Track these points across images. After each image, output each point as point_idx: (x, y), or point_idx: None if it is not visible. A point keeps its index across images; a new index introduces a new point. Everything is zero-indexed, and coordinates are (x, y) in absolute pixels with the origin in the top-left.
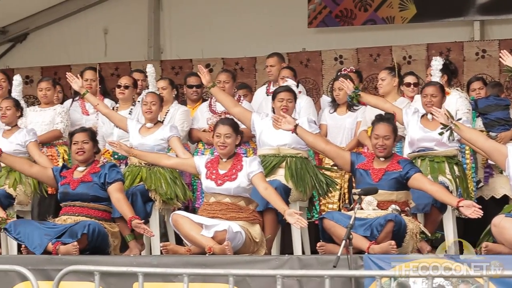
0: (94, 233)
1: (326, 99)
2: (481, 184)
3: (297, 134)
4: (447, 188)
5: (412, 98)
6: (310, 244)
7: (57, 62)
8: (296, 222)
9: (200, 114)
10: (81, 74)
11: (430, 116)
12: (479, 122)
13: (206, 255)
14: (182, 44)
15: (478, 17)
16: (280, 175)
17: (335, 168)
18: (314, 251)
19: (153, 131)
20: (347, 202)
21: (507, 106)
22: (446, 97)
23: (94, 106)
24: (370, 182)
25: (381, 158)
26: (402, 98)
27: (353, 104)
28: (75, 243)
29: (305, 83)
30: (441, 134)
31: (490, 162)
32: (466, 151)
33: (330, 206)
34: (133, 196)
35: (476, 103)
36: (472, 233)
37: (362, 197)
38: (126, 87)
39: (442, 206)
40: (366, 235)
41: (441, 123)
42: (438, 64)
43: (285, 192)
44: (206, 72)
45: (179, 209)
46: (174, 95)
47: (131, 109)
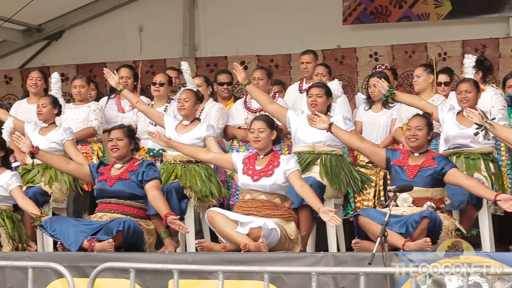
0: (130, 230)
1: (361, 97)
2: None
3: (332, 133)
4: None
5: (447, 96)
6: (345, 241)
7: (92, 59)
8: (330, 220)
9: (235, 111)
10: (116, 72)
11: (465, 113)
12: None
13: (241, 252)
14: (217, 41)
15: None
16: (315, 172)
17: (370, 165)
18: (349, 248)
19: (189, 129)
20: (382, 199)
21: None
22: (481, 93)
23: (133, 103)
24: (405, 179)
25: (415, 153)
26: (438, 95)
27: (388, 103)
28: (111, 240)
29: (340, 80)
30: (476, 134)
31: None
32: (502, 148)
33: (365, 203)
34: (168, 193)
35: None
36: (507, 230)
37: (397, 194)
38: (161, 85)
39: (477, 203)
40: (401, 232)
41: (475, 123)
42: (470, 61)
43: (320, 189)
44: (241, 69)
45: (214, 206)
46: (209, 92)
47: (166, 106)
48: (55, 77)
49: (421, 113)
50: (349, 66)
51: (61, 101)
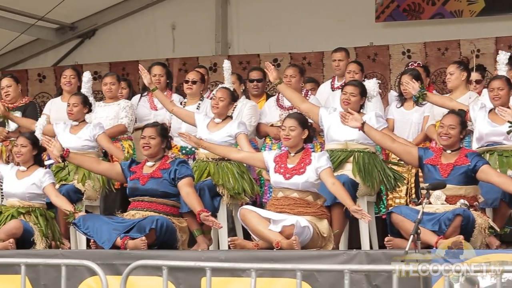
0: (162, 228)
1: (393, 94)
2: None
3: (364, 131)
4: None
5: (480, 93)
6: (377, 238)
7: (125, 57)
8: (363, 218)
9: (268, 108)
10: (148, 70)
11: (497, 111)
12: None
13: (274, 250)
14: (250, 39)
15: None
16: (347, 170)
17: (402, 162)
18: (382, 246)
19: (221, 127)
20: (414, 196)
21: None
22: None
23: (164, 105)
24: (438, 177)
25: (447, 151)
26: (471, 92)
27: (419, 103)
28: (144, 238)
29: (372, 78)
30: (508, 132)
31: None
32: None
33: (397, 200)
34: (200, 191)
35: None
36: None
37: (431, 191)
38: (194, 82)
39: (510, 201)
40: (434, 230)
41: (508, 121)
42: (504, 58)
43: (352, 187)
44: (273, 68)
45: (247, 203)
46: (242, 90)
47: (199, 104)
48: (87, 76)
49: (456, 109)
50: (381, 64)
51: (91, 99)
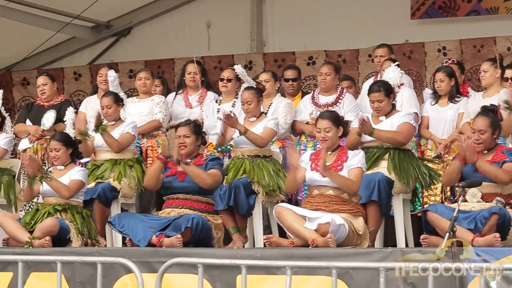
0: (198, 226)
1: (428, 92)
2: None
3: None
4: None
5: None
6: (413, 236)
7: (160, 56)
8: None
9: (303, 106)
10: (183, 67)
11: None
12: None
13: (309, 248)
14: (285, 36)
15: None
16: (383, 168)
17: (438, 160)
18: (417, 244)
19: (255, 124)
20: (450, 194)
21: None
22: None
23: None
24: (476, 175)
25: (484, 151)
26: (505, 89)
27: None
28: (179, 236)
29: (408, 75)
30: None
31: None
32: None
33: (432, 198)
34: (236, 189)
35: None
36: None
37: (466, 189)
38: (229, 80)
39: None
40: (470, 228)
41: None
42: None
43: (388, 184)
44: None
45: (282, 201)
46: (276, 88)
47: (234, 101)
48: (112, 75)
49: (488, 105)
50: (417, 61)
51: (121, 95)
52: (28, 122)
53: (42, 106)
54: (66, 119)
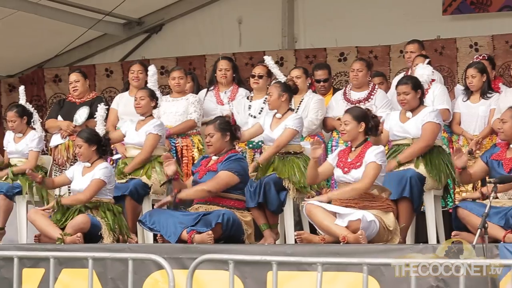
0: (229, 222)
1: (459, 88)
2: None
3: None
4: None
5: None
6: (444, 232)
7: (191, 52)
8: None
9: (334, 102)
10: (215, 64)
11: None
12: None
13: (340, 244)
14: (316, 33)
15: None
16: (414, 164)
17: (469, 156)
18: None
19: (280, 122)
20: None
21: None
22: None
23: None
24: (501, 172)
25: (511, 145)
26: None
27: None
28: (210, 232)
29: (439, 71)
30: None
31: None
32: None
33: (463, 194)
34: (266, 185)
35: None
36: None
37: (497, 185)
38: (260, 77)
39: None
40: (501, 224)
41: None
42: None
43: (419, 181)
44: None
45: (313, 197)
46: (308, 84)
47: (266, 98)
48: (152, 69)
49: None
50: (449, 57)
51: (157, 93)
52: (59, 118)
53: (73, 102)
54: (97, 116)
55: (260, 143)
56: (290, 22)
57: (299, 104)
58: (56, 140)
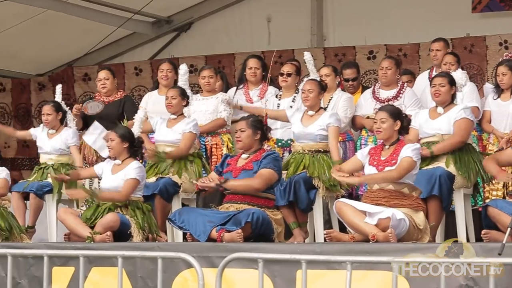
0: (258, 221)
1: (489, 86)
2: None
3: None
4: None
5: None
6: (474, 231)
7: (220, 50)
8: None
9: (363, 101)
10: (244, 62)
11: None
12: None
13: (370, 243)
14: (345, 31)
15: None
16: (444, 162)
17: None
18: (478, 239)
19: (314, 120)
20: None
21: None
22: None
23: (255, 112)
24: None
25: None
26: None
27: None
28: (240, 231)
29: (469, 69)
30: None
31: None
32: None
33: (494, 193)
34: (296, 184)
35: None
36: None
37: None
38: (289, 75)
39: None
40: None
41: None
42: None
43: (449, 179)
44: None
45: (343, 196)
46: (337, 82)
47: (294, 96)
48: (183, 68)
49: None
50: (478, 55)
51: (188, 92)
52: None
53: (102, 102)
54: (135, 118)
55: (289, 142)
56: (319, 20)
57: (328, 102)
58: (88, 139)
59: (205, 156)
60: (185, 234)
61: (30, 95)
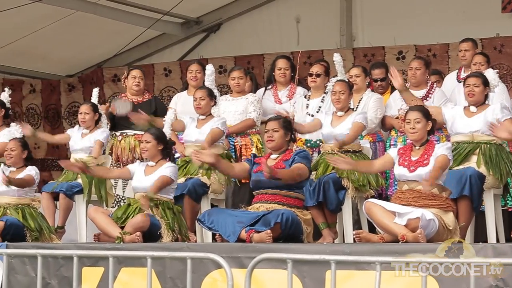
0: (288, 221)
1: None
2: None
3: None
4: None
5: None
6: (504, 232)
7: (250, 51)
8: None
9: (393, 101)
10: (273, 63)
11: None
12: None
13: (399, 243)
14: (374, 31)
15: None
16: (474, 162)
17: None
18: (508, 239)
19: (343, 120)
20: None
21: None
22: None
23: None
24: None
25: None
26: None
27: None
28: (269, 231)
29: (499, 69)
30: None
31: None
32: None
33: None
34: (325, 184)
35: None
36: None
37: None
38: (318, 75)
39: None
40: None
41: None
42: None
43: (479, 179)
44: (398, 75)
45: (372, 196)
46: (367, 83)
47: (323, 97)
48: (210, 69)
49: None
50: (508, 55)
51: (215, 92)
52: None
53: (130, 102)
54: (165, 119)
55: (318, 142)
56: (348, 20)
57: (358, 103)
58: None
59: (234, 156)
60: (214, 235)
61: (60, 96)
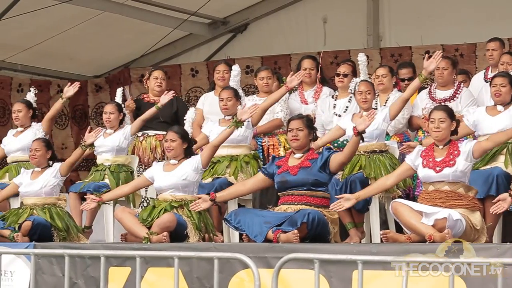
0: (314, 221)
1: None
2: None
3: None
4: None
5: None
6: None
7: (276, 51)
8: None
9: (420, 101)
10: (299, 63)
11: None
12: None
13: (427, 243)
14: (401, 31)
15: None
16: (501, 162)
17: None
18: None
19: None
20: None
21: None
22: None
23: None
24: None
25: None
26: None
27: None
28: (296, 231)
29: None
30: None
31: None
32: None
33: None
34: (352, 184)
35: None
36: None
37: None
38: (345, 75)
39: None
40: None
41: None
42: None
43: (506, 179)
44: (437, 60)
45: (399, 197)
46: (393, 83)
47: (350, 97)
48: (236, 69)
49: None
50: None
51: (240, 92)
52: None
53: (152, 103)
54: (186, 118)
55: (345, 142)
56: (375, 20)
57: (385, 102)
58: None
59: (262, 156)
60: (241, 235)
61: (87, 97)
